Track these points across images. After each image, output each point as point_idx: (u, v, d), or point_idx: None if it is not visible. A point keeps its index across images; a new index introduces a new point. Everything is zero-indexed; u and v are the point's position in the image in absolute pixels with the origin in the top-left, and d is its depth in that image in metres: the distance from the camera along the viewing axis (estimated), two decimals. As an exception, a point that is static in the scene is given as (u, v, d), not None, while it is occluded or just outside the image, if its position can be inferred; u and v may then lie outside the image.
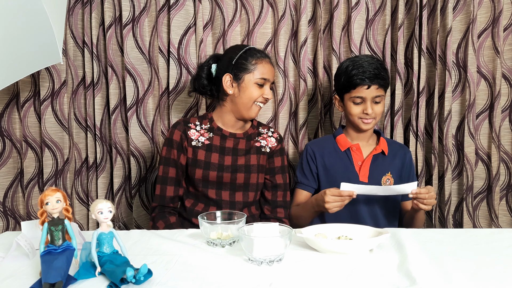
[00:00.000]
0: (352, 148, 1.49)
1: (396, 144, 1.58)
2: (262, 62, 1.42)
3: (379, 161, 1.48)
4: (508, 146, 1.78)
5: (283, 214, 1.49)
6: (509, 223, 1.80)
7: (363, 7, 1.75)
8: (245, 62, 1.41)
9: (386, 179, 1.47)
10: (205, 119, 1.48)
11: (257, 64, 1.41)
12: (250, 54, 1.42)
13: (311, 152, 1.52)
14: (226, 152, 1.43)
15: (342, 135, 1.52)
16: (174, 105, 1.78)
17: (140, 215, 1.83)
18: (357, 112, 1.44)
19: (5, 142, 1.72)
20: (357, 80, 1.41)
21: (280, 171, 1.50)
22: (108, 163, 1.81)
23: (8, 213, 1.74)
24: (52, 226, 0.82)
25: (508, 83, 1.76)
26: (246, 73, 1.40)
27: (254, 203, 1.48)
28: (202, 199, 1.43)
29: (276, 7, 1.77)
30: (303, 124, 1.78)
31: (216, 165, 1.41)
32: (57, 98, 1.71)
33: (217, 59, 1.49)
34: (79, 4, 1.74)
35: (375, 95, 1.42)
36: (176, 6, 1.73)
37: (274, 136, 1.52)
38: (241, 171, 1.43)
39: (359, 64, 1.42)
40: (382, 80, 1.42)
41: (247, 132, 1.49)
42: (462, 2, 1.73)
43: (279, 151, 1.52)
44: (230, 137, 1.46)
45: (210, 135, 1.44)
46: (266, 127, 1.54)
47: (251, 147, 1.47)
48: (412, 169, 1.54)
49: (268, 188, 1.50)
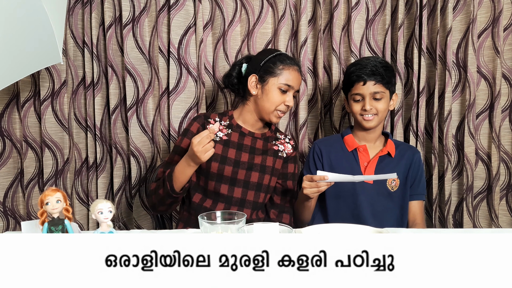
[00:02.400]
0: (359, 148, 1.50)
1: (405, 146, 1.57)
2: (290, 68, 1.42)
3: (385, 163, 1.48)
4: (508, 146, 1.78)
5: (288, 220, 1.49)
6: (509, 223, 1.80)
7: (363, 7, 1.75)
8: (273, 65, 1.42)
9: (392, 180, 1.47)
10: (225, 116, 1.49)
11: (284, 69, 1.41)
12: (280, 59, 1.43)
13: (318, 151, 1.53)
14: (243, 149, 1.44)
15: (350, 135, 1.52)
16: (174, 105, 1.78)
17: (140, 215, 1.83)
18: (358, 110, 1.46)
19: (5, 142, 1.72)
20: (354, 76, 1.44)
21: (291, 178, 1.52)
22: (108, 163, 1.81)
23: (8, 213, 1.74)
24: (52, 226, 0.82)
25: (508, 83, 1.76)
26: (271, 76, 1.41)
27: (262, 206, 1.49)
28: (211, 195, 1.42)
29: (276, 7, 1.77)
30: (303, 124, 1.78)
31: (233, 161, 1.41)
32: (57, 98, 1.71)
33: (249, 59, 1.51)
34: (79, 4, 1.74)
35: (373, 91, 1.43)
36: (176, 6, 1.73)
37: (290, 143, 1.54)
38: (256, 170, 1.43)
39: (358, 63, 1.46)
40: (379, 76, 1.42)
41: (265, 134, 1.50)
42: (462, 2, 1.73)
43: (294, 158, 1.53)
44: (248, 135, 1.46)
45: (228, 131, 1.45)
46: (283, 133, 1.56)
47: (268, 149, 1.47)
48: (420, 169, 1.52)
49: (277, 193, 1.51)
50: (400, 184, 1.48)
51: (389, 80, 1.46)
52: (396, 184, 1.47)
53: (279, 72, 1.41)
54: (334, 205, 1.49)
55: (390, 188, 1.47)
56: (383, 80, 1.44)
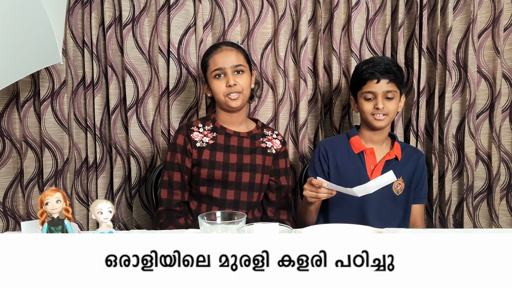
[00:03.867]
0: (366, 151, 1.46)
1: (410, 148, 1.54)
2: (214, 54, 1.42)
3: (392, 166, 1.44)
4: (509, 146, 1.78)
5: (286, 216, 1.48)
6: (509, 223, 1.80)
7: (363, 7, 1.75)
8: (204, 63, 1.45)
9: (397, 184, 1.45)
10: (208, 120, 1.48)
11: (210, 58, 1.43)
12: (207, 52, 1.46)
13: (323, 151, 1.50)
14: (231, 150, 1.43)
15: (357, 137, 1.48)
16: (174, 105, 1.78)
17: (140, 215, 1.83)
18: (369, 109, 1.42)
19: (5, 142, 1.72)
20: (366, 74, 1.41)
21: (284, 173, 1.51)
22: (108, 163, 1.81)
23: (8, 213, 1.74)
24: (52, 226, 0.82)
25: (509, 83, 1.76)
26: (206, 72, 1.44)
27: (257, 205, 1.48)
28: (205, 200, 1.43)
29: (276, 7, 1.76)
30: (303, 124, 1.78)
31: (221, 164, 1.41)
32: (57, 98, 1.71)
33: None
34: (79, 4, 1.74)
35: (386, 90, 1.40)
36: (176, 6, 1.73)
37: (278, 139, 1.53)
38: (247, 170, 1.43)
39: (370, 61, 1.44)
40: (393, 75, 1.40)
41: (251, 131, 1.49)
42: (462, 2, 1.73)
43: (283, 153, 1.52)
44: (234, 136, 1.46)
45: (213, 134, 1.45)
46: (270, 129, 1.55)
47: (256, 147, 1.47)
48: (424, 173, 1.51)
49: (272, 190, 1.50)
50: (405, 187, 1.46)
51: (401, 80, 1.44)
52: (401, 187, 1.46)
53: (207, 63, 1.43)
54: (338, 209, 1.47)
55: (396, 192, 1.45)
56: (397, 79, 1.41)
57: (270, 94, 1.81)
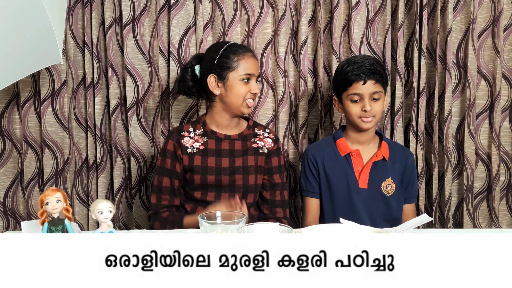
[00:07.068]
0: (352, 153, 1.46)
1: (398, 147, 1.54)
2: (244, 57, 1.39)
3: (379, 167, 1.45)
4: (508, 146, 1.78)
5: (281, 214, 1.48)
6: (509, 223, 1.81)
7: (363, 7, 1.75)
8: (227, 60, 1.38)
9: (387, 184, 1.45)
10: (198, 124, 1.46)
11: (240, 60, 1.38)
12: (231, 51, 1.39)
13: (311, 158, 1.50)
14: (222, 154, 1.43)
15: (342, 139, 1.48)
16: (174, 105, 1.78)
17: (140, 215, 1.84)
18: (356, 111, 1.41)
19: (5, 142, 1.72)
20: (352, 76, 1.39)
21: (277, 171, 1.50)
22: (108, 163, 1.81)
23: (8, 213, 1.74)
24: (52, 226, 0.82)
25: (508, 83, 1.76)
26: (229, 71, 1.38)
27: (253, 205, 1.48)
28: (201, 203, 1.43)
29: (276, 7, 1.77)
30: (303, 124, 1.78)
31: (214, 169, 1.40)
32: (57, 98, 1.71)
33: (199, 59, 1.47)
34: (79, 4, 1.74)
35: (372, 91, 1.39)
36: (176, 6, 1.73)
37: (270, 137, 1.51)
38: (239, 173, 1.42)
39: (354, 61, 1.41)
40: (378, 75, 1.39)
41: (242, 133, 1.48)
42: (462, 2, 1.73)
43: (276, 151, 1.51)
44: (225, 139, 1.44)
45: (204, 139, 1.43)
46: (262, 127, 1.53)
47: (248, 148, 1.46)
48: (414, 173, 1.51)
49: (266, 188, 1.50)
50: (396, 188, 1.46)
51: (386, 80, 1.44)
52: (391, 188, 1.46)
53: (235, 65, 1.38)
54: (330, 211, 1.47)
55: (386, 192, 1.45)
56: (382, 80, 1.41)
57: (270, 94, 1.81)
